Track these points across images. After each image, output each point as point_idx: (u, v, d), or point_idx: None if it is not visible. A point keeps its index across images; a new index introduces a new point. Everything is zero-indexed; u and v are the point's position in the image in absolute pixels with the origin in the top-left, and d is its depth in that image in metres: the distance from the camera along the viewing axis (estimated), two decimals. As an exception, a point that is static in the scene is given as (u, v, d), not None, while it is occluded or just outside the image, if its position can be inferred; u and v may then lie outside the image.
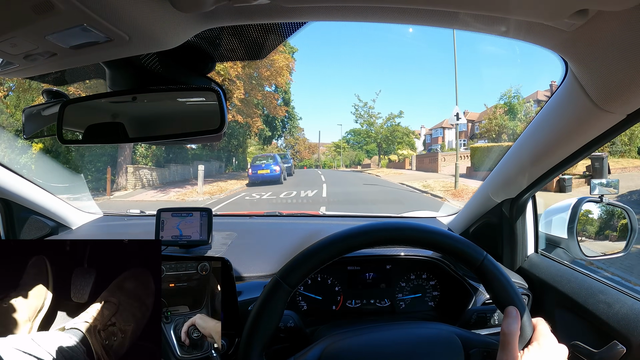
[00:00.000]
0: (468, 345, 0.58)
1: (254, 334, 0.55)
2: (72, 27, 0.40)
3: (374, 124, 31.01)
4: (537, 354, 0.53)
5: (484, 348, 0.58)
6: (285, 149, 50.09)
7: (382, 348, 0.57)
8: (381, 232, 0.59)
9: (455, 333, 0.60)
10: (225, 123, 0.60)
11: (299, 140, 52.40)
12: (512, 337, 0.53)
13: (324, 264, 0.59)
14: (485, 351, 0.57)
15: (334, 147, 49.70)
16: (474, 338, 0.60)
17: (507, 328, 0.53)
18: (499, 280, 0.57)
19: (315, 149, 52.43)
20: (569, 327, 0.86)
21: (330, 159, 51.72)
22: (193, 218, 1.11)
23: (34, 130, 0.82)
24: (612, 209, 1.06)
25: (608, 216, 1.08)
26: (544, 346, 0.54)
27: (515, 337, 0.53)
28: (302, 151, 51.68)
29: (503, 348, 0.53)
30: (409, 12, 0.47)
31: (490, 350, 0.57)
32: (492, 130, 21.79)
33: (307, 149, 52.21)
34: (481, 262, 0.58)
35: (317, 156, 51.48)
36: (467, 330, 0.62)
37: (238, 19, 0.49)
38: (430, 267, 1.07)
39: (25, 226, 1.20)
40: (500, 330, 0.54)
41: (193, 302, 0.76)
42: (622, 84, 0.52)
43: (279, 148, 46.98)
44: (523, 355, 0.53)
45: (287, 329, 0.83)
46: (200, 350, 0.74)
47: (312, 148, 52.20)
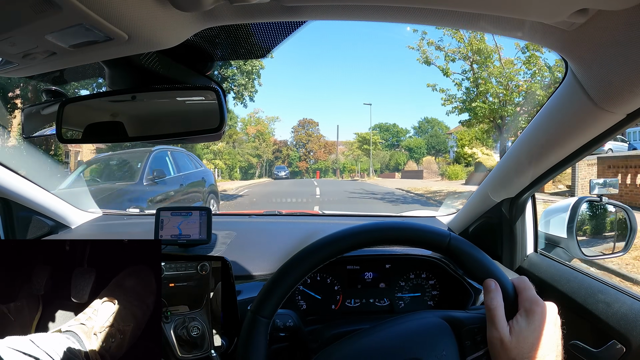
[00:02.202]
0: (457, 326, 0.57)
1: None
2: (72, 26, 0.40)
3: (486, 61, 11.19)
4: (526, 322, 0.52)
5: (473, 325, 0.57)
6: (295, 147, 41.84)
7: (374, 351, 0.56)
8: (344, 240, 0.59)
9: (441, 316, 0.59)
10: (225, 122, 0.60)
11: (312, 137, 41.73)
12: (497, 310, 0.52)
13: (295, 286, 0.59)
14: (475, 327, 0.57)
15: (358, 141, 34.85)
16: (461, 316, 0.59)
17: (490, 302, 0.53)
18: (469, 255, 0.57)
19: (333, 148, 41.21)
20: (568, 327, 0.86)
21: (351, 160, 38.29)
22: (192, 217, 1.11)
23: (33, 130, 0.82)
24: (611, 209, 1.06)
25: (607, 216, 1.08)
26: (531, 311, 0.53)
27: (500, 310, 0.52)
28: (316, 150, 41.30)
29: (491, 323, 0.52)
30: (408, 11, 0.47)
31: (480, 326, 0.56)
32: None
33: (322, 147, 41.47)
34: (448, 243, 0.57)
35: (335, 157, 40.17)
36: (453, 310, 0.62)
37: (238, 18, 0.49)
38: (430, 266, 1.07)
39: (25, 225, 1.20)
40: (485, 306, 0.53)
41: (193, 302, 0.76)
42: (622, 83, 0.52)
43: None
44: (512, 326, 0.52)
45: (286, 328, 0.83)
46: (200, 349, 0.74)
47: (329, 147, 41.50)
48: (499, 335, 0.52)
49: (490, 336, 0.53)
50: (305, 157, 42.05)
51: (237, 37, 0.61)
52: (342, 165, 38.87)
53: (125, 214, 1.58)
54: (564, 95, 0.65)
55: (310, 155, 42.19)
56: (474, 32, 10.15)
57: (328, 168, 40.62)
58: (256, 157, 37.16)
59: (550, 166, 0.80)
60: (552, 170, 0.82)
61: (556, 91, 0.67)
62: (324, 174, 39.27)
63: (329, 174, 39.93)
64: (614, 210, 1.07)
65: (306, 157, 42.15)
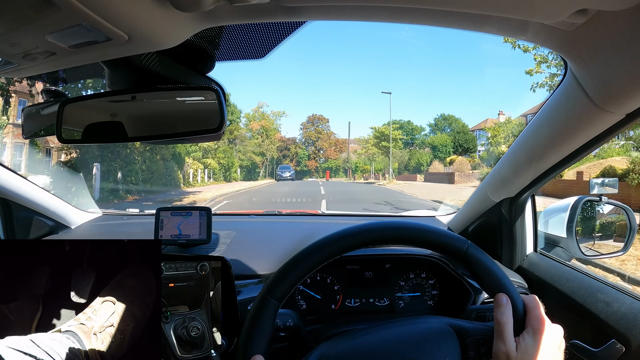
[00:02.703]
0: (463, 335, 0.58)
1: (247, 353, 0.55)
2: (72, 27, 0.40)
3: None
4: (532, 340, 0.53)
5: (479, 336, 0.57)
6: (303, 144, 38.49)
7: (378, 349, 0.57)
8: (363, 235, 0.59)
9: (449, 324, 0.59)
10: (225, 122, 0.60)
11: (322, 135, 38.78)
12: (506, 325, 0.53)
13: (308, 273, 0.59)
14: (480, 338, 0.57)
15: (375, 137, 28.50)
16: (468, 326, 0.59)
17: (500, 317, 0.53)
18: (485, 266, 0.57)
19: (344, 146, 38.36)
20: (567, 326, 0.86)
21: (364, 159, 33.56)
22: (192, 217, 1.11)
23: (33, 130, 0.82)
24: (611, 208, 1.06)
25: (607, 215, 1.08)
26: (539, 330, 0.53)
27: (509, 325, 0.53)
28: (326, 148, 38.27)
29: (498, 337, 0.53)
30: (408, 11, 0.47)
31: (486, 337, 0.57)
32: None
33: (333, 145, 38.55)
34: (465, 250, 0.58)
35: (347, 155, 36.86)
36: (461, 320, 0.62)
37: (237, 18, 0.49)
38: (430, 266, 1.07)
39: (25, 225, 1.20)
40: (494, 319, 0.54)
41: (193, 302, 0.76)
42: (621, 83, 0.52)
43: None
44: (519, 343, 0.53)
45: (286, 328, 0.83)
46: (200, 349, 0.74)
47: (339, 145, 38.75)
48: (505, 349, 0.52)
49: (496, 349, 0.54)
50: (314, 155, 39.21)
51: (237, 37, 0.61)
52: (354, 165, 35.14)
53: (125, 214, 1.58)
54: (563, 95, 0.65)
55: (319, 154, 39.40)
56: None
57: (339, 167, 37.80)
58: (260, 155, 34.45)
59: (549, 166, 0.81)
60: (551, 170, 0.82)
61: (556, 91, 0.67)
62: (334, 174, 36.49)
63: (340, 174, 37.09)
64: (613, 210, 1.07)
65: (315, 155, 39.29)
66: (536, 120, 0.77)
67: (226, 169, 27.54)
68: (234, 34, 0.59)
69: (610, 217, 1.09)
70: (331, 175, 34.84)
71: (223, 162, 26.96)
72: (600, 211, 1.09)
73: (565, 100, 0.65)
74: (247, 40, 0.62)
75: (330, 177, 33.65)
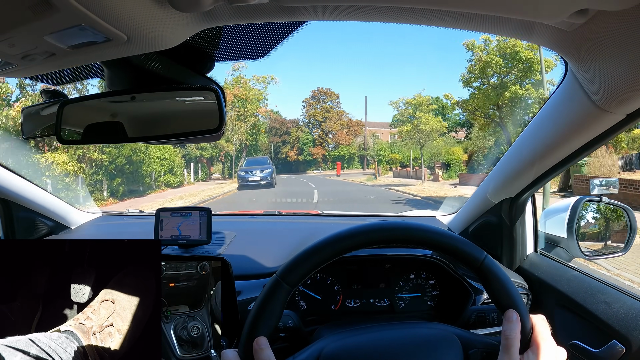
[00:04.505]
0: (467, 346, 0.58)
1: (252, 334, 0.55)
2: (71, 27, 0.40)
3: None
4: (536, 359, 0.53)
5: (483, 349, 0.58)
6: (307, 127, 28.17)
7: (380, 348, 0.57)
8: (383, 232, 0.59)
9: (455, 333, 0.60)
10: (225, 122, 0.60)
11: (330, 114, 28.48)
12: (514, 341, 0.53)
13: (325, 263, 0.58)
14: (484, 352, 0.57)
15: (412, 105, 17.83)
16: (473, 338, 0.59)
17: (509, 333, 0.53)
18: (499, 281, 0.57)
19: (359, 128, 28.14)
20: (568, 327, 0.86)
21: (386, 145, 24.42)
22: (192, 217, 1.11)
23: (32, 130, 0.82)
24: (611, 208, 1.06)
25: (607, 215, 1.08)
26: (543, 350, 0.54)
27: (516, 341, 0.53)
28: (336, 131, 28.35)
29: (505, 352, 0.53)
30: (408, 11, 0.47)
31: (490, 351, 0.57)
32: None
33: (345, 127, 28.57)
34: (482, 262, 0.58)
35: (363, 140, 26.07)
36: (467, 331, 0.62)
37: (237, 18, 0.49)
38: (430, 266, 1.07)
39: (25, 226, 1.20)
40: (502, 334, 0.54)
41: (193, 302, 0.76)
42: (622, 83, 0.52)
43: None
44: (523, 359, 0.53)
45: (287, 328, 0.83)
46: (200, 349, 0.74)
47: (353, 127, 28.70)
48: None
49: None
50: (321, 140, 29.29)
51: (237, 37, 0.61)
52: (376, 152, 23.85)
53: (125, 214, 1.58)
54: (563, 95, 0.65)
55: (327, 139, 29.15)
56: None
57: (353, 155, 28.29)
58: (228, 141, 21.97)
59: (550, 166, 0.80)
60: (552, 170, 0.82)
61: (556, 91, 0.67)
62: (347, 164, 27.12)
63: (354, 164, 27.77)
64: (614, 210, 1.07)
65: (322, 140, 29.24)
66: (536, 120, 0.77)
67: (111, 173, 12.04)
68: (234, 34, 0.59)
69: (610, 217, 1.09)
70: (343, 167, 25.80)
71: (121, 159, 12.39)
72: (600, 211, 1.08)
73: (565, 101, 0.65)
74: (246, 41, 0.62)
75: (342, 169, 24.42)
